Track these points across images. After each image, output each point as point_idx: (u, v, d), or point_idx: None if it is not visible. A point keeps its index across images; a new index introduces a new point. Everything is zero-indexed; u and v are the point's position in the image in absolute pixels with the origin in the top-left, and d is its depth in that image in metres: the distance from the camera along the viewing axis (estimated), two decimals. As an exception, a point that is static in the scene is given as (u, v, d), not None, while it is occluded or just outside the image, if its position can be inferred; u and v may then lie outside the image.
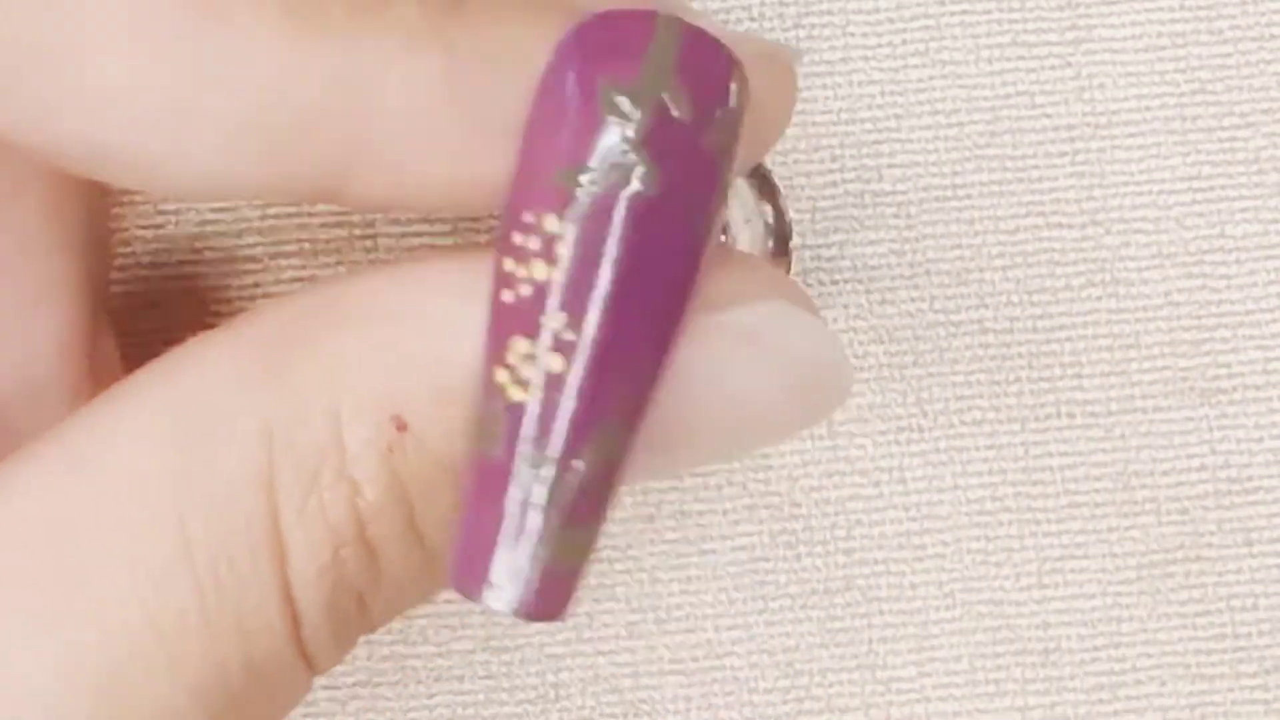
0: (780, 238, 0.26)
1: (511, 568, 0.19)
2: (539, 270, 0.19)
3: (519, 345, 0.19)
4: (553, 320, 0.19)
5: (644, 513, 0.32)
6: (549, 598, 0.19)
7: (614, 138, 0.18)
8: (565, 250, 0.19)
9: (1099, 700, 0.31)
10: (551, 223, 0.19)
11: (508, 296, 0.19)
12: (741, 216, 0.26)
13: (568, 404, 0.19)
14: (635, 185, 0.18)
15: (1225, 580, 0.32)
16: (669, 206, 0.18)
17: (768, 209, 0.26)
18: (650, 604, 0.31)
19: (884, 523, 0.32)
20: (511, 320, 0.19)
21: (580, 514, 0.19)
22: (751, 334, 0.20)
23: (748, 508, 0.32)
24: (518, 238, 0.19)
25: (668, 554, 0.32)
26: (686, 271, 0.19)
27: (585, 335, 0.19)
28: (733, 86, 0.19)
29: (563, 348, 0.19)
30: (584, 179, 0.18)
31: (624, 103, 0.18)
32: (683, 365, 0.20)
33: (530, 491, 0.19)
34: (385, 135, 0.19)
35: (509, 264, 0.19)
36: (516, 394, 0.19)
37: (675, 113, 0.18)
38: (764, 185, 0.26)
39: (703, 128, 0.18)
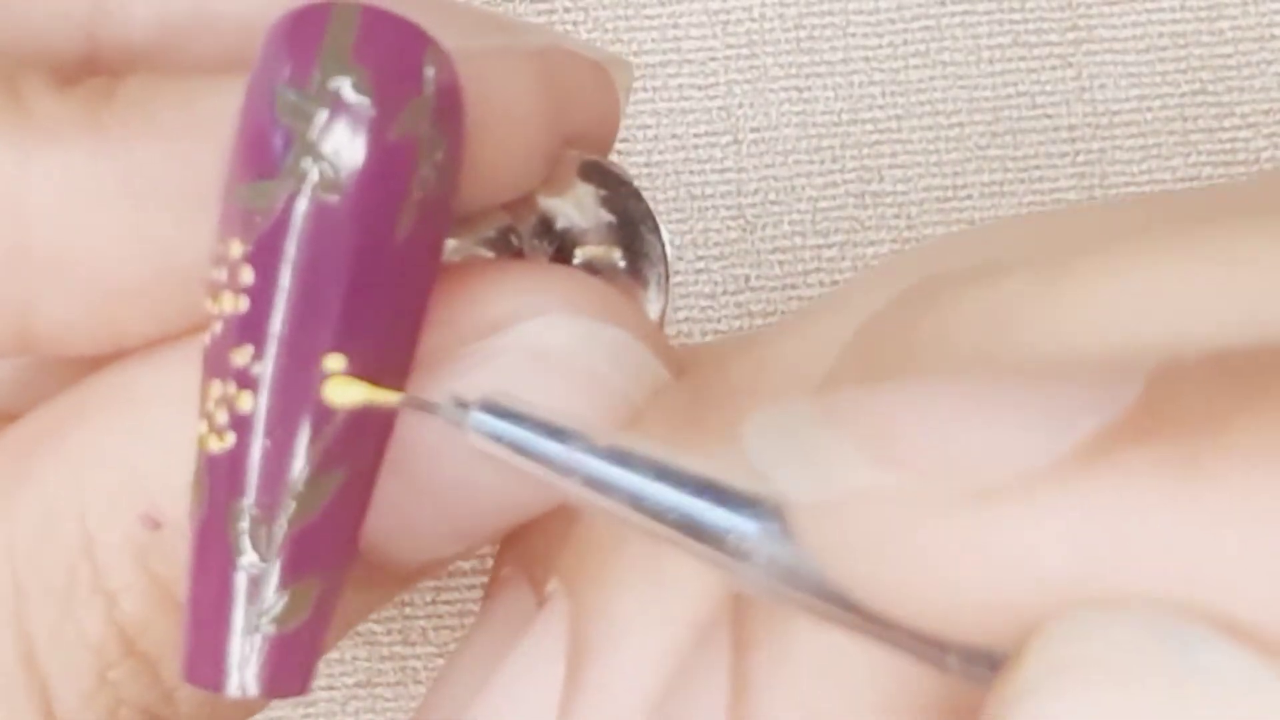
0: (635, 249, 0.23)
1: (235, 646, 0.17)
2: (227, 301, 0.17)
3: (214, 389, 0.17)
4: (239, 354, 0.17)
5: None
6: (284, 669, 0.17)
7: (289, 141, 0.16)
8: (248, 275, 0.17)
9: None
10: (235, 247, 0.17)
11: (207, 338, 0.17)
12: (585, 225, 0.23)
13: (260, 446, 0.17)
14: (311, 190, 0.16)
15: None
16: (357, 209, 0.16)
17: (605, 215, 0.23)
18: (651, 605, 0.31)
19: (885, 523, 0.32)
20: (209, 364, 0.17)
21: (308, 564, 0.17)
22: (534, 355, 0.18)
23: (748, 508, 0.32)
24: (212, 270, 0.17)
25: (668, 554, 0.31)
26: (392, 280, 0.17)
27: (267, 366, 0.17)
28: (427, 71, 0.17)
29: (250, 384, 0.16)
30: (263, 191, 0.16)
31: (299, 101, 0.16)
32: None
33: (242, 552, 0.17)
34: (48, 239, 0.17)
35: (207, 302, 0.17)
36: (213, 444, 0.17)
37: (354, 104, 0.16)
38: (607, 186, 0.23)
39: (389, 118, 0.16)
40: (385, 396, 0.17)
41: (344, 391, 0.17)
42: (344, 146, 0.16)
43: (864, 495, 0.14)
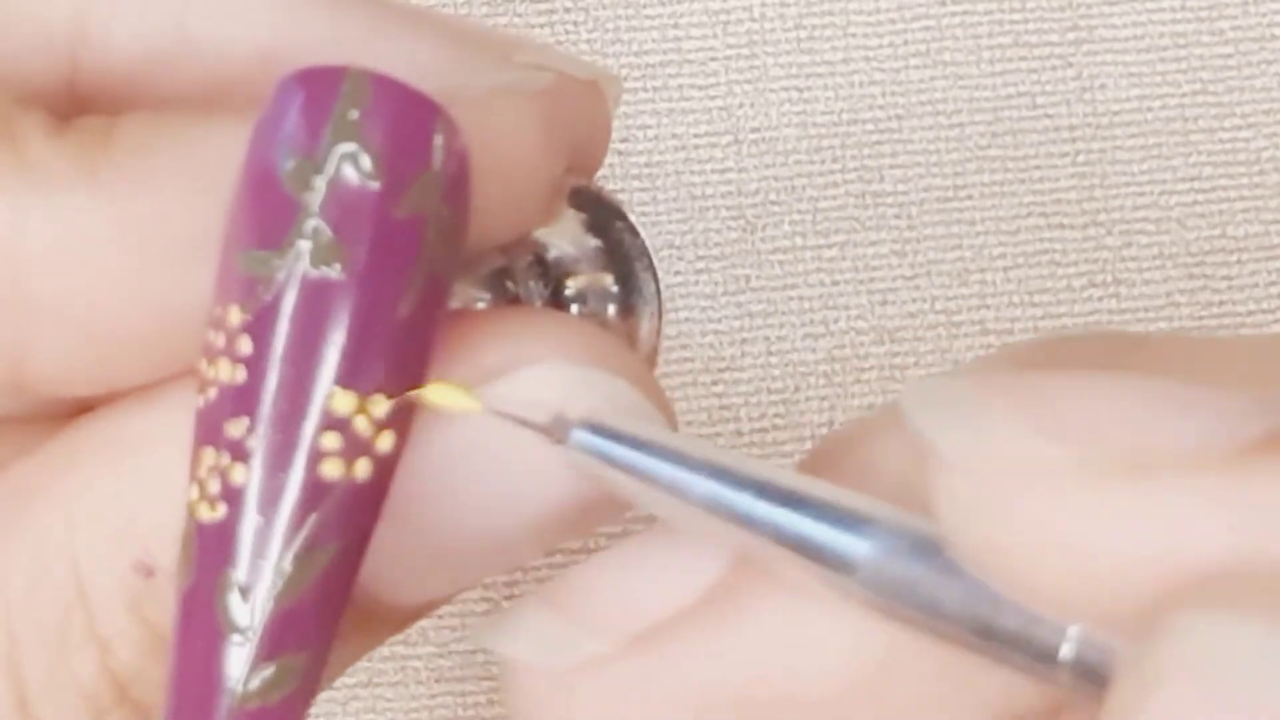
0: (629, 284, 0.23)
1: (217, 712, 0.17)
2: (223, 370, 0.16)
3: (207, 456, 0.17)
4: (234, 426, 0.16)
5: (644, 513, 0.32)
6: None
7: (293, 213, 0.16)
8: (245, 345, 0.16)
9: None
10: (234, 314, 0.16)
11: (200, 402, 0.17)
12: (577, 255, 0.22)
13: (253, 519, 0.16)
14: (316, 264, 0.16)
15: (1227, 582, 0.32)
16: (361, 285, 0.16)
17: (593, 241, 0.23)
18: (651, 604, 0.31)
19: (885, 523, 0.32)
20: (202, 429, 0.17)
21: (293, 640, 0.17)
22: (532, 404, 0.17)
23: (749, 508, 0.32)
24: (210, 334, 0.17)
25: (669, 554, 0.32)
26: (391, 357, 0.16)
27: (261, 441, 0.16)
28: (437, 142, 0.16)
29: (244, 456, 0.16)
30: (265, 261, 0.16)
31: (305, 172, 0.16)
32: (447, 456, 0.17)
33: (229, 622, 0.16)
34: (42, 287, 0.17)
35: (202, 365, 0.17)
36: (204, 512, 0.16)
37: (363, 179, 0.16)
38: (602, 216, 0.23)
39: (398, 194, 0.16)
40: (479, 407, 0.17)
41: (443, 397, 0.17)
42: (350, 222, 0.16)
43: (1023, 460, 0.14)
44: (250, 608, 0.17)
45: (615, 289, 0.22)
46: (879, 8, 0.32)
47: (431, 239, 0.16)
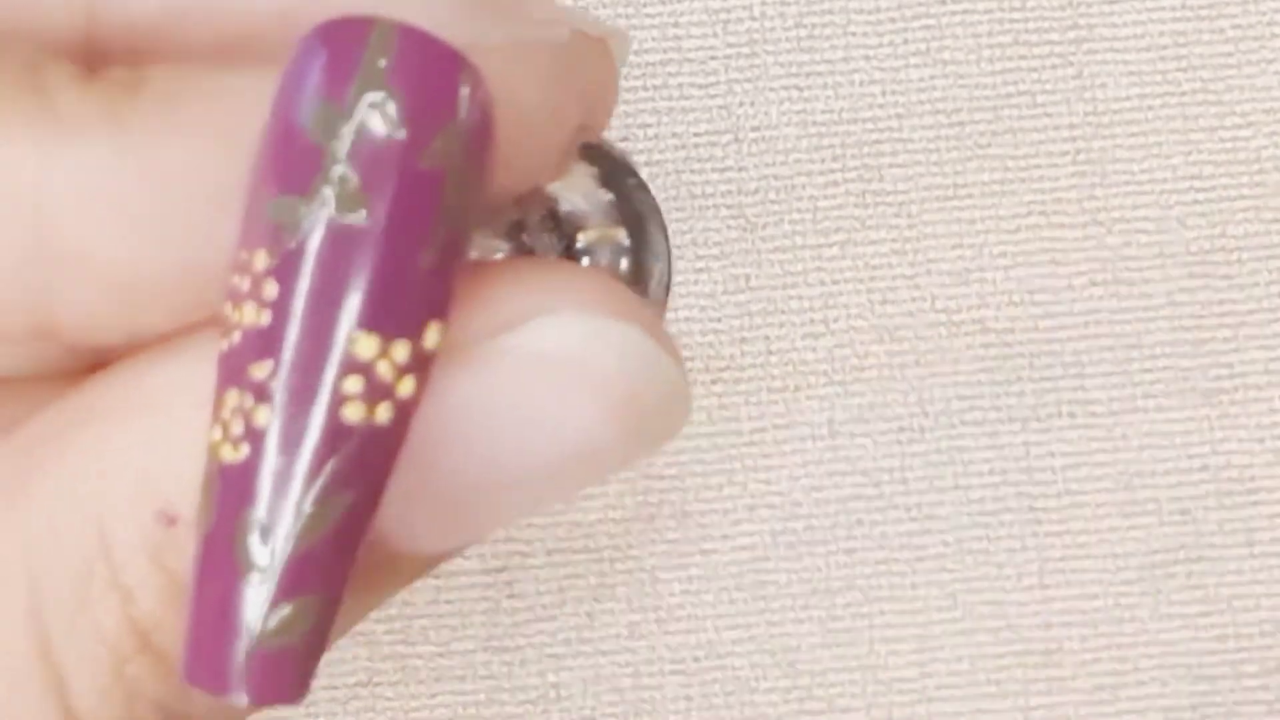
0: (640, 242, 0.23)
1: (235, 653, 0.17)
2: (249, 313, 0.17)
3: (230, 398, 0.17)
4: (258, 368, 0.17)
5: (645, 513, 0.32)
6: (276, 680, 0.17)
7: (319, 160, 0.17)
8: (271, 289, 0.17)
9: (1101, 701, 0.31)
10: (260, 259, 0.17)
11: (224, 345, 0.17)
12: (589, 210, 0.23)
13: (274, 460, 0.17)
14: (341, 212, 0.17)
15: (1227, 581, 0.32)
16: (383, 234, 0.17)
17: (605, 196, 0.23)
18: (651, 604, 0.31)
19: (885, 523, 0.32)
20: (226, 372, 0.17)
21: (309, 583, 0.17)
22: (545, 355, 0.18)
23: (749, 508, 0.32)
24: (234, 279, 0.17)
25: (669, 554, 0.32)
26: (409, 306, 0.17)
27: (284, 383, 0.17)
28: (463, 93, 0.17)
29: (268, 398, 0.17)
30: (291, 208, 0.17)
31: (332, 120, 0.17)
32: (464, 404, 0.18)
33: (247, 563, 0.17)
34: (70, 236, 0.17)
35: (227, 309, 0.17)
36: (227, 453, 0.17)
37: (388, 128, 0.16)
38: (613, 173, 0.23)
39: (421, 145, 0.17)
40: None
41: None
42: (376, 170, 0.16)
43: None
44: (270, 548, 0.17)
45: (626, 243, 0.22)
46: (879, 7, 0.32)
47: (455, 188, 0.17)
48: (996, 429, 0.32)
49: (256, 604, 0.17)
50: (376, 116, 0.16)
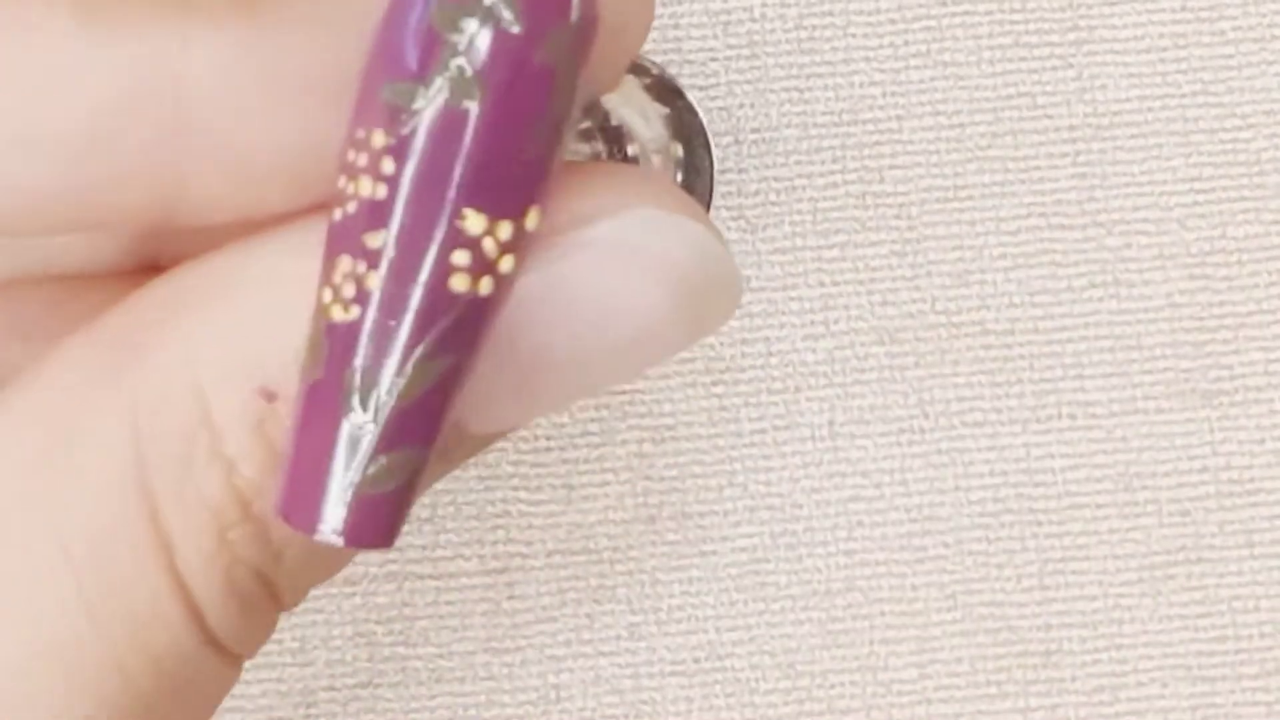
0: (688, 160, 0.25)
1: (333, 495, 0.19)
2: (365, 186, 0.18)
3: (343, 264, 0.18)
4: (372, 237, 0.18)
5: (645, 514, 0.32)
6: (372, 523, 0.19)
7: (440, 50, 0.18)
8: (389, 165, 0.18)
9: (1100, 702, 0.31)
10: (378, 137, 0.18)
11: (337, 215, 0.19)
12: (644, 129, 0.24)
13: (383, 322, 0.18)
14: (457, 99, 0.18)
15: (1227, 582, 0.32)
16: (494, 122, 0.18)
17: (657, 111, 0.25)
18: (651, 605, 0.31)
19: (885, 524, 0.32)
20: (339, 239, 0.19)
21: (406, 437, 0.19)
22: (620, 245, 0.20)
23: (749, 509, 0.32)
24: (350, 154, 0.18)
25: (669, 555, 0.32)
26: (515, 189, 0.19)
27: (398, 252, 0.18)
28: (575, 1, 0.18)
29: (378, 265, 0.18)
30: (410, 92, 0.18)
31: (453, 13, 0.18)
32: (546, 288, 0.19)
33: (350, 413, 0.18)
34: (203, 116, 0.19)
35: (341, 181, 0.19)
36: (337, 313, 0.18)
37: (506, 24, 0.18)
38: (662, 91, 0.25)
39: (536, 42, 0.18)
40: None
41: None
42: (492, 63, 0.18)
43: None
44: (374, 401, 0.18)
45: (678, 155, 0.24)
46: (879, 8, 0.32)
47: (560, 85, 0.18)
48: (997, 431, 0.32)
49: (356, 453, 0.18)
50: (495, 11, 0.18)
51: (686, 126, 0.25)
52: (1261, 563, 0.32)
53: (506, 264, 0.19)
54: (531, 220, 0.19)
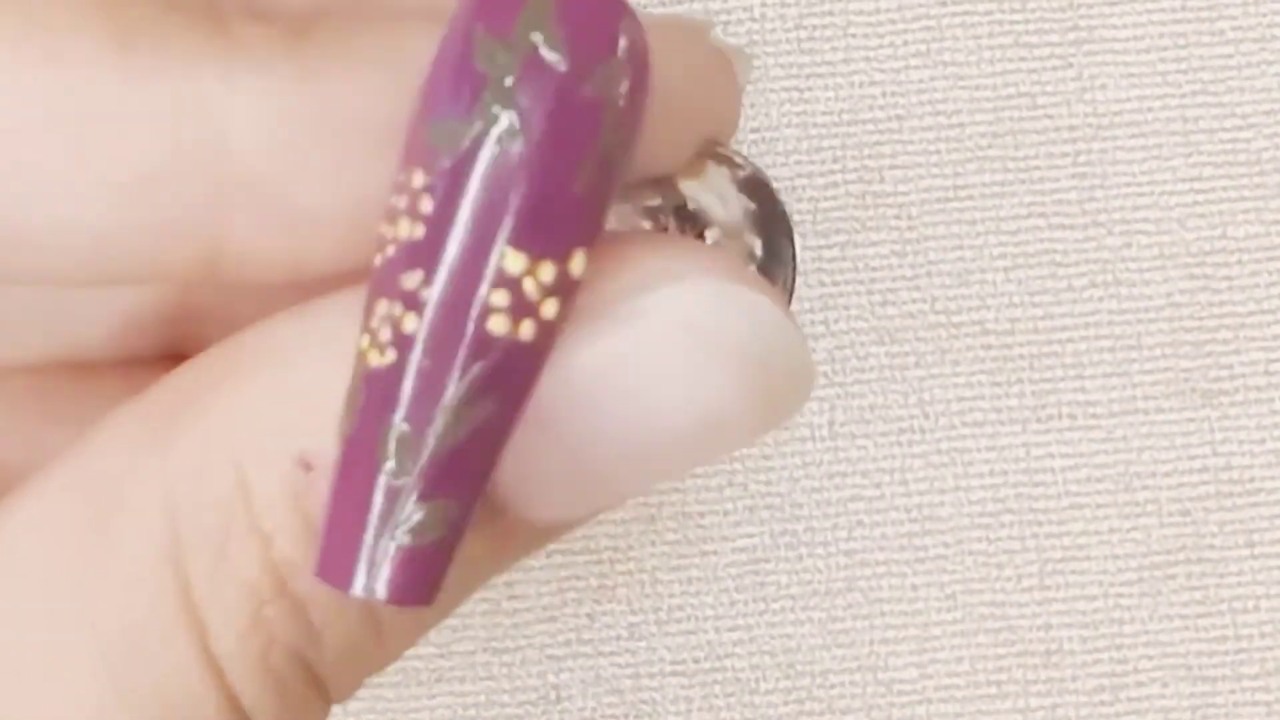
0: (769, 248, 0.24)
1: (368, 548, 0.18)
2: (404, 228, 0.18)
3: (380, 307, 0.18)
4: (409, 278, 0.17)
5: (645, 514, 0.32)
6: (409, 579, 0.18)
7: (482, 87, 0.17)
8: (426, 204, 0.17)
9: (1100, 702, 0.31)
10: (418, 178, 0.18)
11: (378, 260, 0.18)
12: (721, 213, 0.24)
13: (419, 364, 0.17)
14: (499, 136, 0.17)
15: (1227, 582, 0.32)
16: (538, 158, 0.17)
17: (740, 199, 0.24)
18: (651, 605, 0.31)
19: (885, 524, 0.32)
20: (378, 284, 0.18)
21: (445, 487, 0.18)
22: (682, 320, 0.18)
23: (749, 509, 0.32)
24: (392, 198, 0.18)
25: (669, 555, 0.32)
26: (558, 228, 0.18)
27: (435, 292, 0.17)
28: (622, 39, 0.17)
29: (417, 306, 0.17)
30: (453, 130, 0.17)
31: (496, 51, 0.17)
32: (598, 364, 0.18)
33: (387, 462, 0.18)
34: (249, 160, 0.18)
35: (383, 226, 0.18)
36: (374, 358, 0.18)
37: (549, 60, 0.17)
38: (756, 190, 0.24)
39: (582, 77, 0.17)
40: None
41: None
42: (535, 98, 0.17)
43: None
44: (409, 449, 0.18)
45: (755, 245, 0.23)
46: (879, 8, 0.32)
47: (608, 123, 0.18)
48: (997, 430, 0.32)
49: (396, 502, 0.18)
50: (539, 49, 0.17)
51: (768, 214, 0.24)
52: (1261, 563, 0.32)
53: (549, 309, 0.18)
54: (577, 264, 0.18)
